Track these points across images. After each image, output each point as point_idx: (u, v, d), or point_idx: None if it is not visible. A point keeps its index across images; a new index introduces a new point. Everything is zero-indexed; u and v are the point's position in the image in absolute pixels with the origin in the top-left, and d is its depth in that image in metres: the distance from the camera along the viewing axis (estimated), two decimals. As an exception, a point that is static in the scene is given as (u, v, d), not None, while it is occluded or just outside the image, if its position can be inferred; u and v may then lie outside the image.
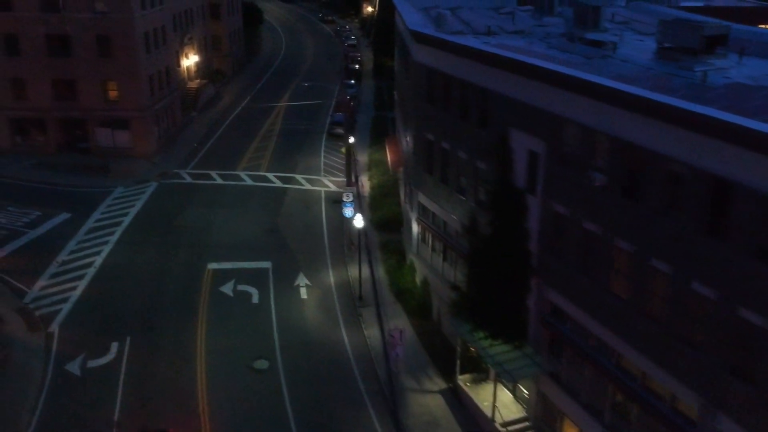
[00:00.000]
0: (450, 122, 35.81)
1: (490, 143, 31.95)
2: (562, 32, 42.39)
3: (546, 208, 28.97)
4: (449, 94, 35.68)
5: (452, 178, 36.50)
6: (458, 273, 37.16)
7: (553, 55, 33.64)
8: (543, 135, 28.43)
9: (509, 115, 30.46)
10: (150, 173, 58.74)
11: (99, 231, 48.40)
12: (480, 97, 32.82)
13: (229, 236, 48.66)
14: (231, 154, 64.16)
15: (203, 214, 51.69)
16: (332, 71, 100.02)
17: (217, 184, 57.37)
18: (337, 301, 41.66)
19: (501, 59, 30.48)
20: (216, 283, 42.75)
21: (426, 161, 39.38)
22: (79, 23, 57.36)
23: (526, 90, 29.18)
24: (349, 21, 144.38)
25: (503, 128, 30.89)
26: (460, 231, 36.04)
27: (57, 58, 58.51)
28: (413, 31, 38.29)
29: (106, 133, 60.62)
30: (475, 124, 33.36)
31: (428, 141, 38.65)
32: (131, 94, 59.14)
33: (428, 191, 39.44)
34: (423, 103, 38.72)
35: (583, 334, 28.14)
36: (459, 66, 34.27)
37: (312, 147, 67.03)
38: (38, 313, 39.10)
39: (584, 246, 27.15)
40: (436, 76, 36.78)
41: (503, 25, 44.71)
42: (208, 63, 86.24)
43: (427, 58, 37.57)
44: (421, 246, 41.93)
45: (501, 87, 30.86)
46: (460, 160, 35.27)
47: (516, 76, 29.73)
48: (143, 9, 58.99)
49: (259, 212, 52.54)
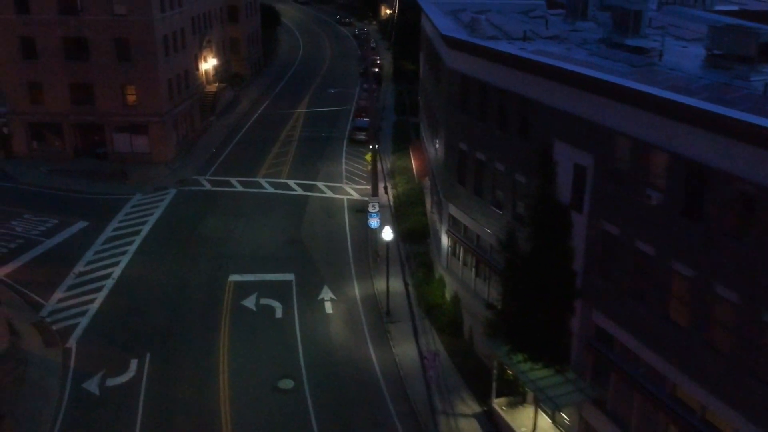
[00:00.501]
0: (486, 132, 34.14)
1: (532, 155, 30.28)
2: (599, 38, 40.68)
3: (593, 225, 27.26)
4: (485, 102, 34.02)
5: (487, 191, 34.83)
6: (492, 290, 35.47)
7: (596, 63, 31.92)
8: (591, 148, 26.73)
9: (553, 127, 28.77)
10: (168, 180, 57.42)
11: (117, 240, 47.07)
12: (520, 106, 31.14)
13: (250, 246, 47.21)
14: (250, 161, 62.76)
15: (223, 223, 50.28)
16: (351, 75, 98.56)
17: (237, 191, 55.96)
18: (364, 316, 40.08)
19: (546, 68, 28.80)
20: (238, 296, 41.29)
21: (458, 172, 37.72)
22: (98, 26, 56.14)
23: (572, 100, 27.49)
24: (367, 23, 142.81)
25: (546, 140, 29.21)
26: (496, 246, 34.37)
27: (74, 62, 57.33)
28: (447, 37, 36.67)
29: (124, 139, 59.37)
30: (515, 135, 31.69)
31: (461, 151, 37.00)
32: (150, 98, 57.85)
33: (460, 203, 37.79)
34: (456, 111, 37.08)
35: (633, 360, 26.40)
36: (497, 73, 32.61)
37: (333, 153, 65.54)
38: (55, 328, 37.77)
39: (637, 268, 25.41)
40: (471, 84, 35.12)
41: (537, 30, 43.00)
42: (227, 66, 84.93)
43: (462, 65, 35.93)
44: (451, 260, 40.27)
45: (544, 96, 29.18)
46: (497, 172, 33.59)
47: (562, 85, 28.06)
48: (162, 12, 57.70)
49: (280, 221, 51.07)
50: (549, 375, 30.15)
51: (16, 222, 49.05)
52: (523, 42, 38.08)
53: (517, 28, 42.31)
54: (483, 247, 36.29)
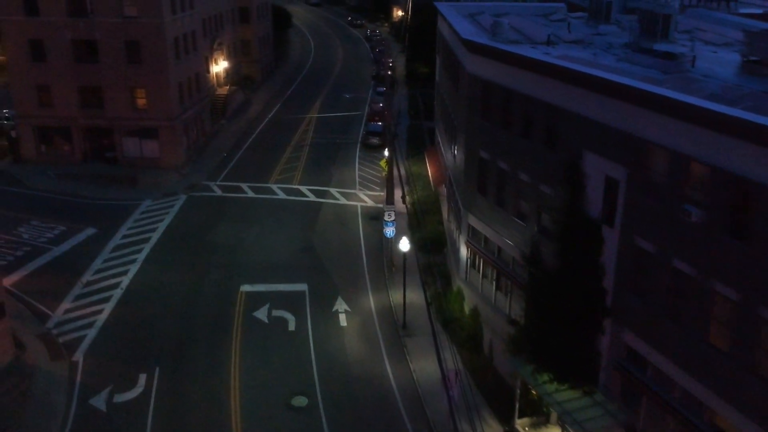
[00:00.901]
0: (509, 141, 32.78)
1: (559, 166, 28.90)
2: (625, 42, 39.25)
3: (626, 242, 25.85)
4: (509, 109, 32.66)
5: (510, 202, 33.46)
6: (515, 305, 34.11)
7: (625, 69, 30.51)
8: (624, 160, 25.33)
9: (583, 137, 27.39)
10: (179, 185, 56.26)
11: (126, 248, 45.90)
12: (547, 114, 29.77)
13: (262, 255, 45.96)
14: (262, 166, 61.53)
15: (235, 230, 49.06)
16: (363, 78, 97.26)
17: (248, 197, 54.73)
18: (379, 330, 38.74)
19: (575, 74, 27.41)
20: (250, 307, 40.03)
21: (479, 181, 36.36)
22: (107, 28, 55.03)
23: (604, 109, 26.10)
24: (379, 25, 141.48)
25: (575, 150, 27.83)
26: (519, 259, 33.00)
27: (84, 65, 56.20)
28: (468, 41, 35.34)
29: (133, 143, 58.22)
30: (541, 145, 30.30)
31: (482, 160, 35.64)
32: (160, 102, 56.70)
33: (481, 213, 36.42)
34: (477, 118, 35.72)
35: (667, 384, 24.98)
36: (522, 79, 31.24)
37: (346, 158, 64.23)
38: (62, 340, 36.58)
39: (673, 288, 23.99)
40: (494, 90, 33.76)
41: (559, 34, 41.62)
42: (238, 69, 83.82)
43: (483, 70, 34.57)
44: (470, 272, 38.91)
45: (573, 105, 27.80)
46: (521, 182, 32.21)
47: (592, 93, 26.67)
48: (173, 14, 56.56)
49: (292, 228, 49.80)
50: (576, 397, 28.79)
51: (23, 228, 47.96)
52: (546, 46, 36.73)
53: (539, 31, 40.93)
54: (504, 260, 34.93)
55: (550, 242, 29.75)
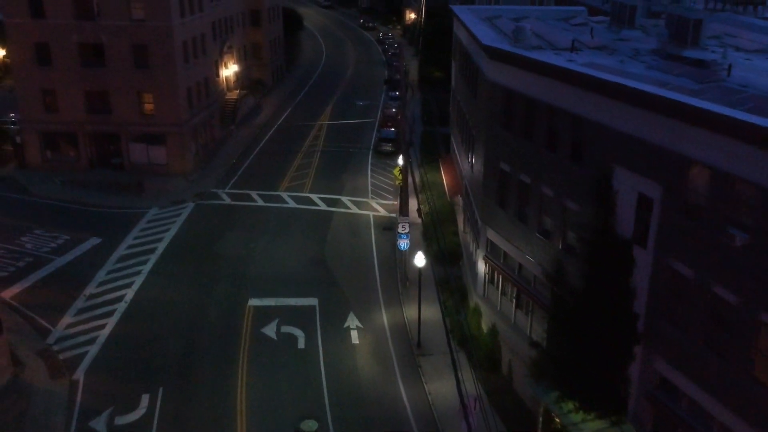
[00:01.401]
0: (532, 153, 31.05)
1: (586, 181, 27.17)
2: (653, 48, 37.46)
3: (660, 264, 24.07)
4: (532, 120, 30.93)
5: (532, 217, 31.72)
6: (537, 325, 32.38)
7: (656, 78, 28.74)
8: (659, 177, 23.57)
9: (613, 151, 25.63)
10: (186, 193, 54.80)
11: (131, 259, 44.44)
12: (573, 126, 28.03)
13: (271, 267, 44.38)
14: (272, 173, 59.98)
15: (243, 241, 47.52)
16: (376, 82, 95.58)
17: (257, 205, 53.19)
18: (393, 348, 37.10)
19: (605, 84, 25.66)
20: (258, 322, 38.47)
21: (499, 194, 34.65)
22: (115, 31, 53.69)
23: (637, 122, 24.35)
24: (391, 28, 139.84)
25: (604, 165, 26.07)
26: (541, 278, 31.27)
27: (90, 69, 54.89)
28: (488, 48, 33.63)
29: (140, 149, 56.84)
30: (567, 158, 28.56)
31: (503, 172, 33.92)
32: (168, 107, 55.30)
33: (500, 228, 34.71)
34: (497, 128, 34.02)
35: (704, 418, 23.18)
36: (546, 88, 29.51)
37: (358, 165, 62.59)
38: (62, 357, 35.14)
39: (713, 316, 22.22)
40: (516, 99, 32.05)
41: (581, 39, 39.85)
42: (248, 73, 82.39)
43: (505, 78, 32.86)
44: (488, 288, 37.19)
45: (603, 116, 26.05)
46: (545, 197, 30.48)
47: (624, 104, 24.92)
48: (182, 17, 55.15)
49: (303, 239, 48.22)
50: (604, 427, 27.02)
51: (26, 238, 46.58)
52: (570, 53, 34.99)
53: (561, 37, 39.19)
54: (525, 278, 33.19)
55: (576, 261, 28.04)
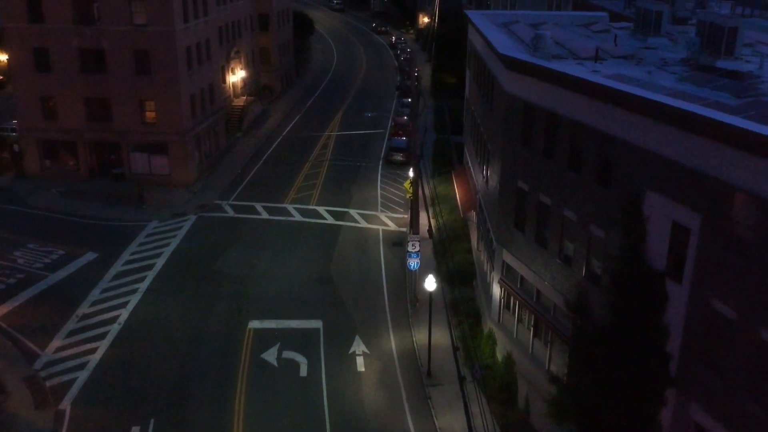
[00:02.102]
0: (554, 172, 28.63)
1: (614, 206, 24.73)
2: (682, 58, 34.95)
3: (698, 302, 21.60)
4: (554, 136, 28.51)
5: (553, 241, 29.29)
6: (557, 357, 29.95)
7: (689, 92, 26.28)
8: (697, 205, 21.11)
9: (644, 173, 23.19)
10: (188, 204, 52.69)
11: (127, 276, 42.34)
12: (600, 144, 25.60)
13: (274, 286, 42.14)
14: (278, 183, 57.74)
15: (246, 257, 45.31)
16: (387, 88, 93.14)
17: (261, 219, 50.97)
18: (401, 377, 34.74)
19: (635, 100, 23.24)
20: (258, 347, 36.24)
21: (516, 214, 32.25)
22: (116, 37, 51.71)
23: (672, 143, 21.90)
24: (405, 32, 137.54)
25: (634, 189, 23.64)
26: (562, 307, 28.84)
27: (90, 75, 52.94)
28: (506, 57, 31.24)
29: (141, 159, 54.82)
30: (592, 179, 26.13)
31: (520, 191, 31.52)
32: (170, 115, 53.24)
33: (517, 251, 32.30)
34: (515, 144, 31.62)
35: (748, 475, 20.70)
36: (570, 102, 27.09)
37: (367, 176, 60.23)
38: (49, 384, 33.04)
39: (760, 363, 19.73)
40: (536, 113, 29.64)
41: (605, 47, 37.39)
42: (256, 78, 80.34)
43: (524, 90, 30.46)
44: (504, 313, 34.79)
45: (633, 135, 23.61)
46: (567, 221, 28.04)
47: (657, 123, 22.48)
48: (186, 22, 53.09)
49: (308, 255, 45.95)
50: (632, 477, 24.58)
51: (19, 252, 44.58)
52: (594, 63, 32.57)
53: (583, 45, 36.75)
54: (544, 305, 30.77)
55: (601, 292, 25.61)
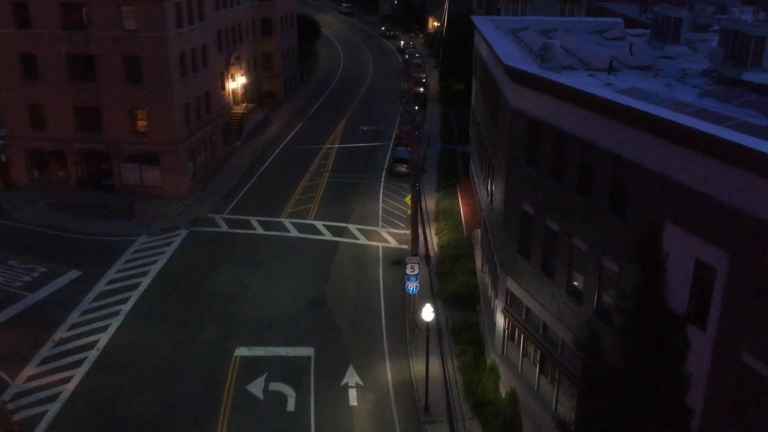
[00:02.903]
0: (562, 196, 26.01)
1: (629, 238, 22.10)
2: (703, 69, 32.25)
3: (724, 353, 18.95)
4: (563, 157, 25.90)
5: (561, 272, 26.66)
6: (564, 398, 27.30)
7: (713, 110, 23.64)
8: (725, 243, 18.47)
9: (664, 203, 20.55)
10: (180, 218, 50.37)
11: (110, 297, 40.03)
12: (614, 168, 22.97)
13: (264, 308, 39.69)
14: (275, 196, 55.27)
15: (237, 276, 42.89)
16: (393, 94, 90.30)
17: (256, 234, 48.54)
18: (396, 413, 32.17)
19: (655, 121, 20.60)
20: (243, 377, 33.80)
21: (521, 240, 29.63)
22: (106, 43, 49.51)
23: (696, 171, 19.26)
24: (413, 36, 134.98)
25: (652, 220, 21.01)
26: (571, 345, 26.22)
27: (80, 83, 50.76)
28: (512, 69, 28.64)
29: (133, 169, 52.57)
30: (605, 206, 23.50)
31: (526, 214, 28.91)
32: (162, 125, 50.96)
33: (522, 279, 29.69)
34: (521, 163, 29.01)
35: None
36: (581, 121, 24.49)
37: (369, 188, 57.63)
38: (17, 417, 30.69)
39: (799, 430, 17.09)
40: (544, 131, 27.02)
41: (619, 57, 34.73)
42: (258, 84, 78.06)
43: (531, 106, 27.86)
44: (507, 345, 32.18)
45: (652, 160, 20.97)
46: (576, 250, 25.42)
47: (679, 147, 19.85)
48: (179, 27, 50.80)
49: (303, 275, 43.48)
50: None
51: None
52: (608, 75, 29.93)
53: (596, 54, 34.10)
54: (552, 340, 28.14)
55: (614, 332, 23.00)
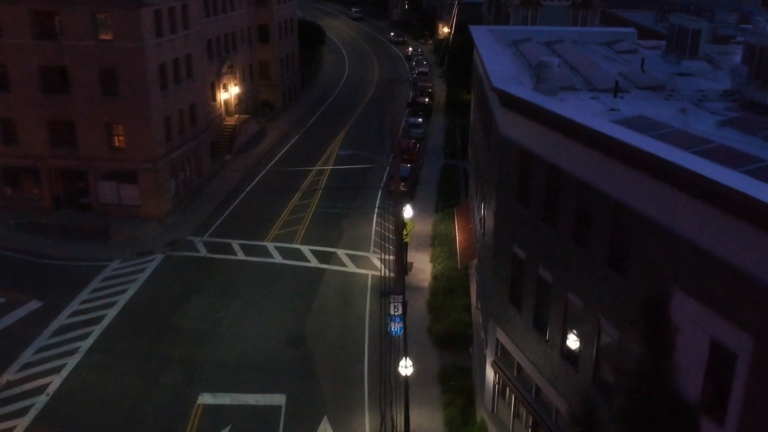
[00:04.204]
0: (556, 243, 22.29)
1: (631, 300, 18.37)
2: (725, 90, 28.41)
3: (748, 458, 15.19)
4: (557, 198, 22.18)
5: (554, 330, 22.93)
6: (558, 476, 23.57)
7: (734, 144, 19.92)
8: (750, 323, 14.73)
9: (674, 266, 16.80)
10: (158, 241, 47.04)
11: (70, 332, 36.72)
12: (615, 217, 19.23)
13: (236, 347, 36.16)
14: (262, 216, 51.74)
15: (210, 309, 39.41)
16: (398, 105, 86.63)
17: (236, 260, 45.05)
18: (373, 476, 28.58)
19: (663, 167, 16.85)
20: (205, 429, 30.27)
21: (511, 286, 25.93)
22: (80, 53, 46.34)
23: (714, 231, 15.51)
24: (423, 42, 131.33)
25: (660, 284, 17.26)
26: (565, 415, 22.49)
27: (53, 95, 47.63)
28: (501, 92, 24.93)
29: (110, 188, 49.34)
30: (603, 261, 19.76)
31: (516, 258, 25.20)
32: (140, 140, 47.69)
33: (512, 331, 25.99)
34: (511, 200, 25.31)
35: None
36: (577, 157, 20.77)
37: (363, 209, 53.87)
38: (-55, 478, 27.52)
39: None
40: (536, 166, 23.32)
41: (628, 73, 31.00)
42: (254, 94, 74.76)
43: (522, 135, 24.16)
44: (498, 402, 28.45)
45: (660, 212, 17.23)
46: (572, 307, 21.70)
47: (694, 200, 16.10)
48: (159, 36, 47.53)
49: (282, 307, 39.93)
50: None
51: (-48, 300, 39.40)
52: (613, 98, 26.21)
53: (602, 71, 30.37)
54: (545, 405, 24.40)
55: (614, 408, 19.26)
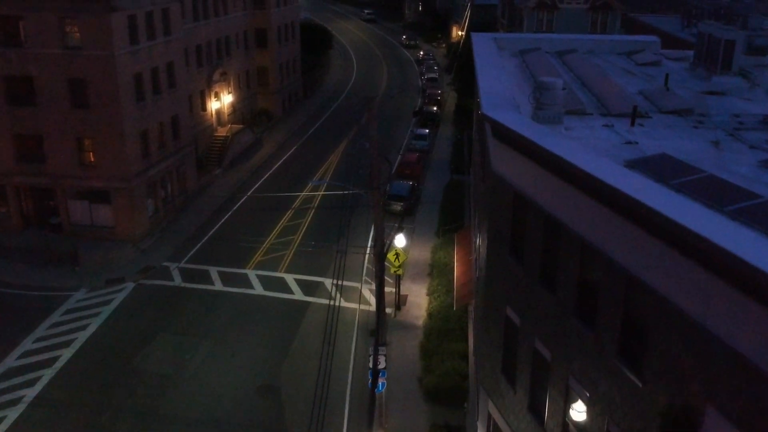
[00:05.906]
0: (556, 313, 17.83)
1: (649, 408, 13.91)
2: (765, 115, 23.79)
3: None
4: (557, 258, 17.70)
5: (553, 417, 18.48)
6: None
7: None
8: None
9: (706, 376, 12.32)
10: (130, 267, 43.01)
11: (17, 377, 32.73)
12: (630, 297, 14.76)
13: (201, 396, 31.98)
14: (246, 239, 47.33)
15: (177, 349, 35.27)
16: (403, 114, 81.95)
17: (213, 290, 40.87)
18: None
19: (695, 241, 12.38)
20: (153, 502, 26.20)
21: (504, 355, 21.49)
22: (46, 62, 42.50)
23: (760, 334, 11.04)
24: (436, 46, 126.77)
25: (686, 396, 12.79)
26: None
27: (18, 108, 43.78)
28: (492, 121, 20.46)
29: (82, 207, 45.47)
30: (613, 349, 15.29)
31: (510, 323, 20.77)
32: (113, 157, 43.74)
33: (505, 409, 21.57)
34: (503, 251, 20.85)
35: None
36: (579, 210, 16.31)
37: (357, 231, 49.24)
38: None
39: None
40: (533, 214, 18.85)
41: (650, 93, 26.46)
42: (250, 102, 70.73)
43: (515, 174, 19.70)
44: (490, 484, 24.04)
45: (689, 300, 12.75)
46: (573, 396, 17.23)
47: (731, 289, 11.63)
48: (133, 43, 43.56)
49: (257, 348, 35.71)
50: None
51: None
52: (630, 126, 21.74)
53: (619, 90, 25.85)
54: (543, 503, 19.94)
55: None
